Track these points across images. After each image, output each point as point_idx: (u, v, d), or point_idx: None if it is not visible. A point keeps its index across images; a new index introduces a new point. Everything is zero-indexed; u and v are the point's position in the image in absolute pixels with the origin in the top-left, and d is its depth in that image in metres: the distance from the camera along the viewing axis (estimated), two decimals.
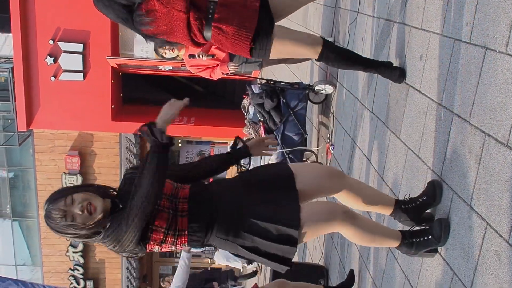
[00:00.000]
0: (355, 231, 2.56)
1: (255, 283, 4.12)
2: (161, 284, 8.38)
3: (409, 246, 2.62)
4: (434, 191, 2.64)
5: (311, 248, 5.86)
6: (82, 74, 11.27)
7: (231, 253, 2.57)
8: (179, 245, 2.42)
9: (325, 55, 3.20)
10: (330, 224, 2.50)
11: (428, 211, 2.72)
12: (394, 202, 2.75)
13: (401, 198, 2.89)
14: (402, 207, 2.71)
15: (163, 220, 2.34)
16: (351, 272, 3.98)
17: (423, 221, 2.72)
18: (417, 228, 2.66)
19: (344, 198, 2.71)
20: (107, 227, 2.29)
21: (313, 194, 2.66)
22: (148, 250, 2.40)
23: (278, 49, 3.10)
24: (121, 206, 2.33)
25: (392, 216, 2.77)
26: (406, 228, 2.75)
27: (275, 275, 4.35)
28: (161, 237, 2.35)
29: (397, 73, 3.23)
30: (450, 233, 2.50)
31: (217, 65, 5.85)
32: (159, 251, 2.46)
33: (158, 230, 2.34)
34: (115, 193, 2.43)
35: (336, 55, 3.25)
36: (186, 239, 2.41)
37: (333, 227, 2.52)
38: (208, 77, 5.98)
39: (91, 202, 2.25)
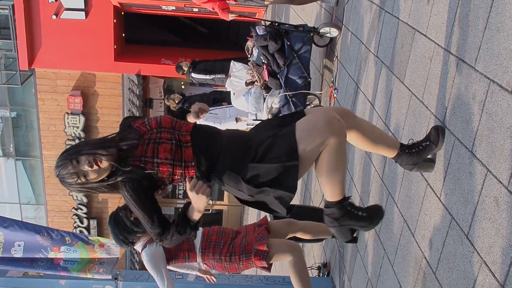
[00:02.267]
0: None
1: (265, 217, 4.17)
2: (166, 101, 8.37)
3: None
4: (437, 136, 2.64)
5: (312, 191, 5.94)
6: (84, 12, 11.10)
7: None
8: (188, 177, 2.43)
9: None
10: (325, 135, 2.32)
11: (429, 156, 2.74)
12: (398, 145, 2.74)
13: (403, 142, 2.89)
14: (406, 151, 2.71)
15: (166, 152, 2.37)
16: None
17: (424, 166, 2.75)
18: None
19: (352, 138, 2.66)
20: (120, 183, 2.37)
21: None
22: (160, 190, 2.45)
23: None
24: (124, 147, 2.38)
25: (394, 159, 2.78)
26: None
27: (275, 217, 4.44)
28: (169, 169, 2.38)
29: None
30: (451, 178, 2.52)
31: None
32: (173, 184, 2.49)
33: (163, 162, 2.36)
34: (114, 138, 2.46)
35: None
36: (194, 170, 2.42)
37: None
38: (211, 9, 5.88)
39: (95, 157, 2.32)
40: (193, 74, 7.80)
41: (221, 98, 7.86)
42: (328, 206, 2.52)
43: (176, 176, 2.42)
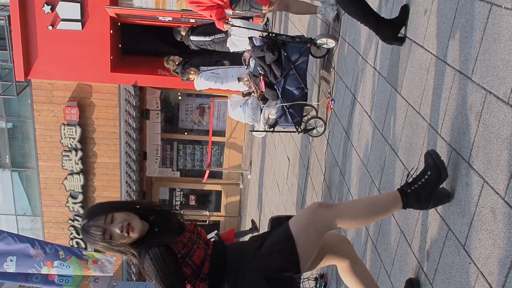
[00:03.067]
0: (348, 220, 2.48)
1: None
2: (165, 63, 8.04)
3: (415, 195, 2.41)
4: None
5: (309, 202, 5.93)
6: (80, 23, 11.11)
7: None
8: None
9: None
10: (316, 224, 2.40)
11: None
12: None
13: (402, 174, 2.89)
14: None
15: (199, 259, 2.44)
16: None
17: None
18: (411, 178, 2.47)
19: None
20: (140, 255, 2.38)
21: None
22: None
23: None
24: (156, 229, 2.42)
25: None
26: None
27: None
28: (190, 274, 2.42)
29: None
30: (448, 189, 2.52)
31: (217, 5, 5.76)
32: None
33: (191, 266, 2.42)
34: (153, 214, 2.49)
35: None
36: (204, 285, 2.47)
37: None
38: (209, 18, 5.89)
39: (130, 223, 2.32)
40: (191, 37, 7.65)
41: (223, 59, 7.62)
42: (407, 207, 2.51)
43: (188, 284, 2.44)
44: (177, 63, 7.78)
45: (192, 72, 7.32)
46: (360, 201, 2.84)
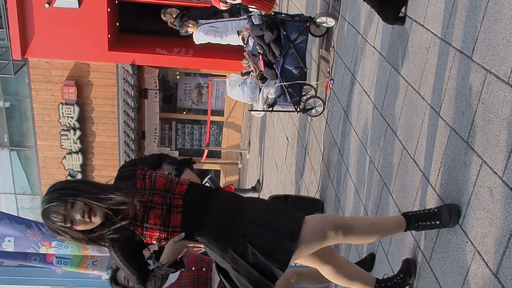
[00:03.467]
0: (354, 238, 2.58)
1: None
2: (162, 16, 7.51)
3: (416, 229, 2.61)
4: (408, 267, 2.78)
5: (308, 181, 5.95)
6: (77, 1, 10.99)
7: None
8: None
9: None
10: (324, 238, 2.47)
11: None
12: (374, 281, 2.84)
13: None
14: (382, 285, 2.82)
15: (157, 218, 2.38)
16: (372, 256, 3.64)
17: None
18: (424, 211, 2.57)
19: (327, 273, 2.75)
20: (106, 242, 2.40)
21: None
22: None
23: None
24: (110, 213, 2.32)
25: None
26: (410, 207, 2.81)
27: None
28: (157, 234, 2.41)
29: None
30: (446, 169, 2.53)
31: None
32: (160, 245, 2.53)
33: (152, 227, 2.39)
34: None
35: None
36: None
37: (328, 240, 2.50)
38: None
39: (91, 208, 2.25)
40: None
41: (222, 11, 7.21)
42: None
43: (163, 240, 2.44)
44: (174, 16, 7.36)
45: (190, 25, 7.11)
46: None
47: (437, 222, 2.47)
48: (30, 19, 11.06)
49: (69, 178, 13.09)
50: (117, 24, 12.14)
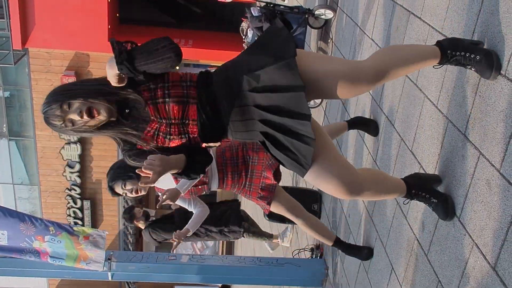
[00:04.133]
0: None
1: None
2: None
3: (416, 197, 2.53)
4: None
5: None
6: None
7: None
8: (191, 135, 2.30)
9: None
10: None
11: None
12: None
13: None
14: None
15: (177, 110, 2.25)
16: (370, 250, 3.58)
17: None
18: (423, 194, 2.50)
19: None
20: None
21: None
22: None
23: None
24: (127, 110, 2.22)
25: None
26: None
27: (270, 215, 4.44)
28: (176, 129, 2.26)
29: None
30: (444, 161, 2.53)
31: None
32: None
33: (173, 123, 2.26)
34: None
35: None
36: (196, 128, 2.29)
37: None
38: None
39: (91, 107, 2.14)
40: None
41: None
42: None
43: (173, 140, 2.29)
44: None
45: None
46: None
47: (435, 200, 2.45)
48: (31, 9, 11.04)
49: (67, 168, 13.11)
50: (117, 14, 12.11)
